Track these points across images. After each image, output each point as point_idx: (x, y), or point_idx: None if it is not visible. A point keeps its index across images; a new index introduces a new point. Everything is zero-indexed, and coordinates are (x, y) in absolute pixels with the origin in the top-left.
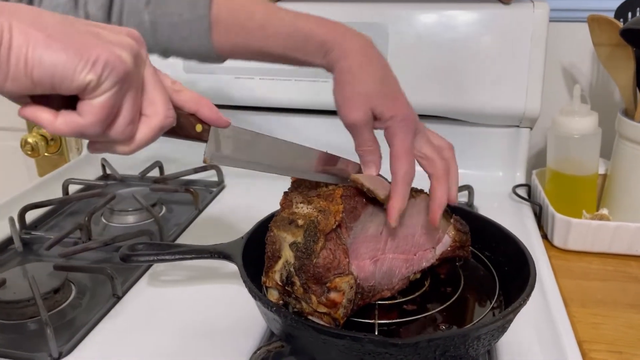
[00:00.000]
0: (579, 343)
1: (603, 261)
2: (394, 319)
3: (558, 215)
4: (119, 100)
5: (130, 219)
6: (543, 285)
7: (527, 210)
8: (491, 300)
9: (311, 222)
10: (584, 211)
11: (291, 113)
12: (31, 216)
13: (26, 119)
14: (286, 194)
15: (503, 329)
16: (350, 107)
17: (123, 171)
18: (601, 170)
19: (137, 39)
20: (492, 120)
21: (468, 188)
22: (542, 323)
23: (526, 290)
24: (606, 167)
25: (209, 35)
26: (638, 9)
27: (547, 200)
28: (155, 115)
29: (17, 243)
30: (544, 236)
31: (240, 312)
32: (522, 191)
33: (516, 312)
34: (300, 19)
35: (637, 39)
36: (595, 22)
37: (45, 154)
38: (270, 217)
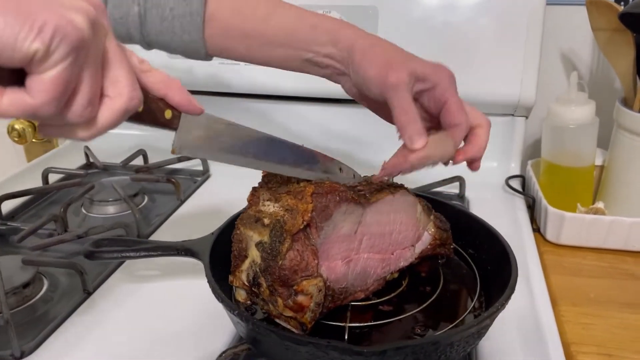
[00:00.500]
0: (567, 345)
1: (597, 257)
2: (367, 321)
3: (551, 208)
4: (74, 75)
5: (111, 210)
6: (530, 283)
7: (520, 203)
8: (472, 300)
9: (277, 222)
10: (578, 204)
11: (293, 101)
12: (9, 206)
13: None
14: (254, 189)
15: (479, 335)
16: (390, 70)
17: (106, 159)
18: (598, 162)
19: (96, 5)
20: (485, 108)
21: (459, 179)
22: (527, 323)
23: (505, 294)
24: (604, 158)
25: (202, 32)
26: None
27: (540, 193)
28: (119, 96)
29: None
30: (537, 230)
31: (215, 310)
32: (516, 183)
33: (493, 317)
34: (305, 11)
35: (637, 24)
36: (593, 5)
37: (33, 140)
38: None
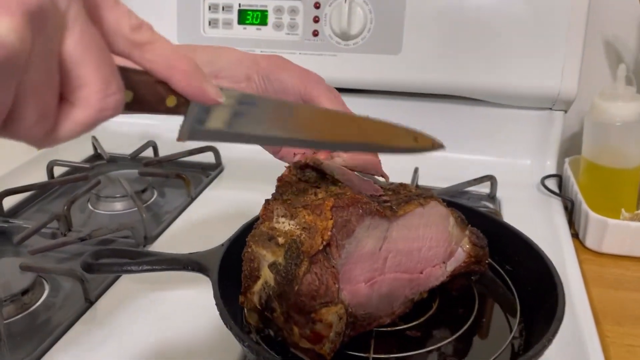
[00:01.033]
0: None
1: None
2: (393, 351)
3: (592, 214)
4: (6, 95)
5: (118, 206)
6: (572, 297)
7: (557, 205)
8: (511, 328)
9: (293, 242)
10: (622, 210)
11: None
12: (12, 201)
13: None
14: (267, 202)
15: None
16: None
17: (114, 150)
18: None
19: None
20: (521, 101)
21: (490, 178)
22: (569, 345)
23: (552, 327)
24: None
25: None
26: None
27: (580, 195)
28: (85, 106)
29: None
30: (575, 235)
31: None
32: (552, 183)
33: (539, 356)
34: None
35: None
36: None
37: None
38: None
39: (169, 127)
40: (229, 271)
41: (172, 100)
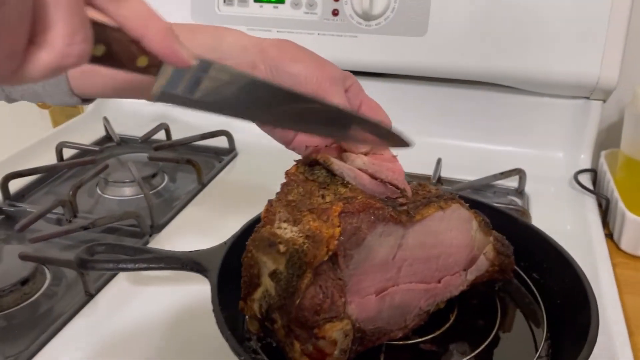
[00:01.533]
0: None
1: None
2: None
3: (629, 214)
4: None
5: (127, 192)
6: (604, 304)
7: (590, 203)
8: (537, 347)
9: (295, 252)
10: None
11: None
12: (19, 184)
13: None
14: (270, 204)
15: None
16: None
17: (125, 132)
18: None
19: None
20: (556, 89)
21: (519, 172)
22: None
23: (584, 350)
24: None
25: (70, 91)
26: None
27: (616, 193)
28: (49, 48)
29: None
30: (609, 235)
31: None
32: (586, 178)
33: None
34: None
35: None
36: None
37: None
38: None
39: (183, 110)
40: (232, 270)
41: (143, 61)
